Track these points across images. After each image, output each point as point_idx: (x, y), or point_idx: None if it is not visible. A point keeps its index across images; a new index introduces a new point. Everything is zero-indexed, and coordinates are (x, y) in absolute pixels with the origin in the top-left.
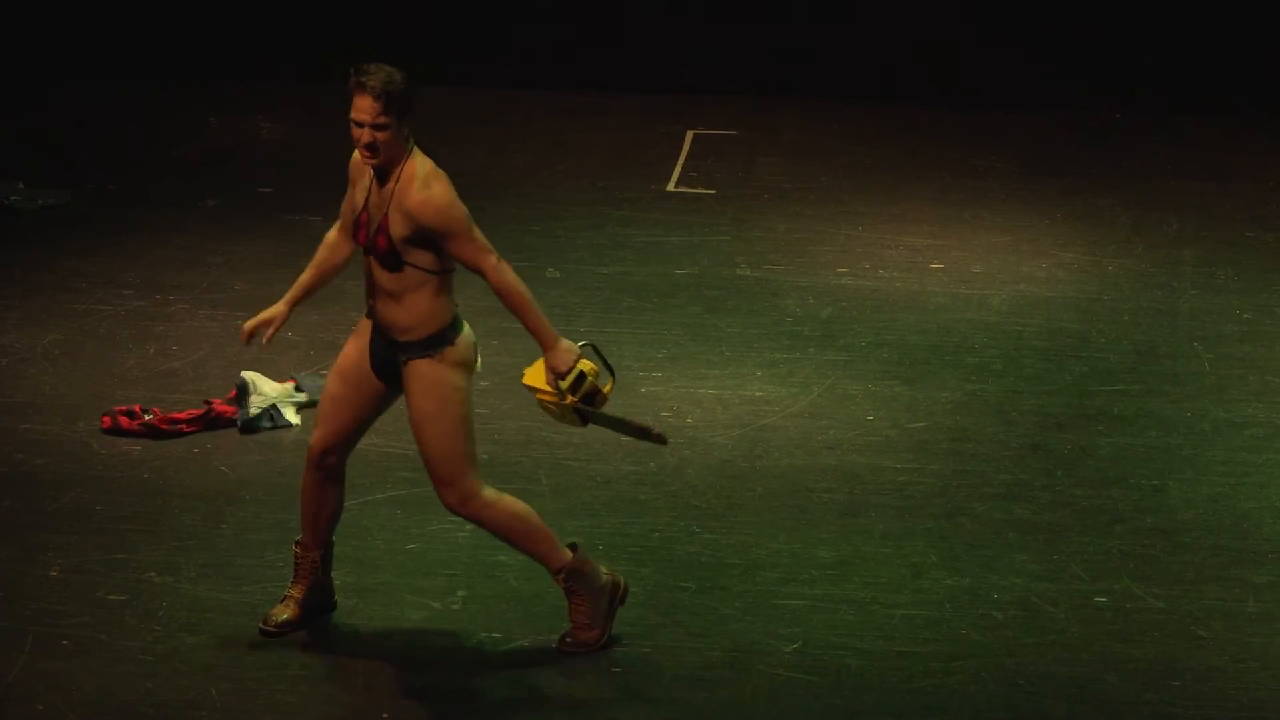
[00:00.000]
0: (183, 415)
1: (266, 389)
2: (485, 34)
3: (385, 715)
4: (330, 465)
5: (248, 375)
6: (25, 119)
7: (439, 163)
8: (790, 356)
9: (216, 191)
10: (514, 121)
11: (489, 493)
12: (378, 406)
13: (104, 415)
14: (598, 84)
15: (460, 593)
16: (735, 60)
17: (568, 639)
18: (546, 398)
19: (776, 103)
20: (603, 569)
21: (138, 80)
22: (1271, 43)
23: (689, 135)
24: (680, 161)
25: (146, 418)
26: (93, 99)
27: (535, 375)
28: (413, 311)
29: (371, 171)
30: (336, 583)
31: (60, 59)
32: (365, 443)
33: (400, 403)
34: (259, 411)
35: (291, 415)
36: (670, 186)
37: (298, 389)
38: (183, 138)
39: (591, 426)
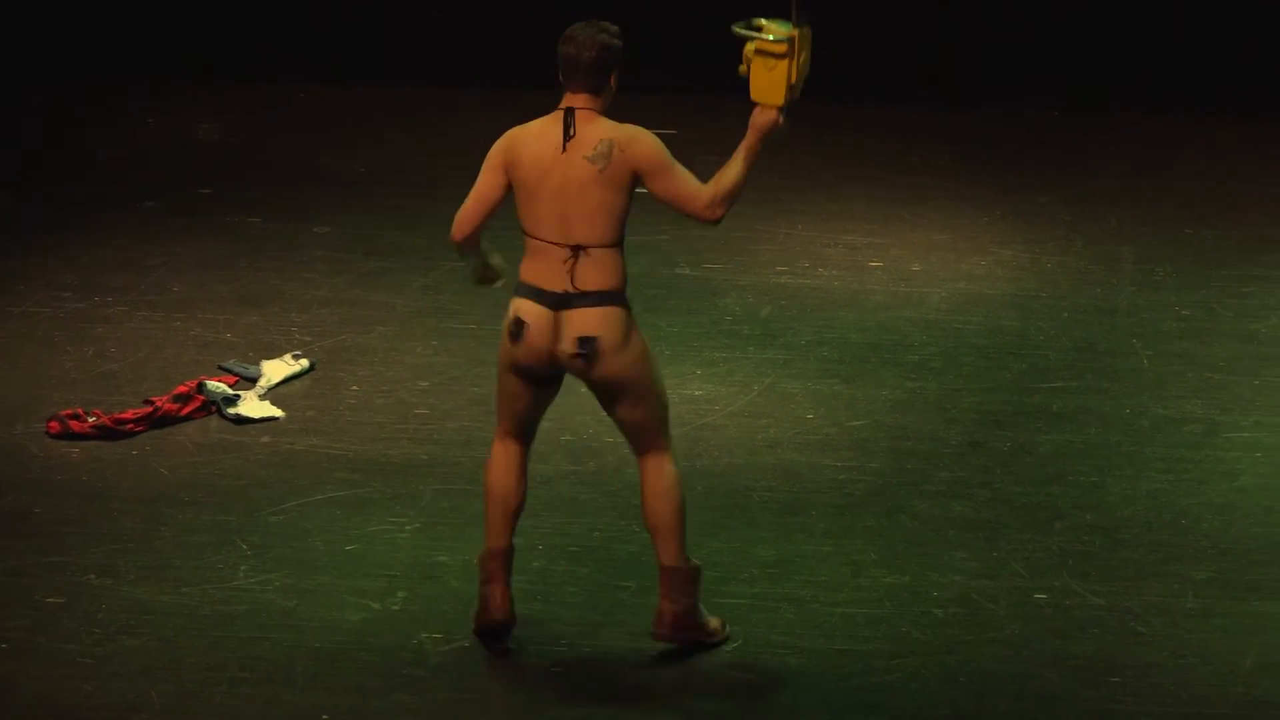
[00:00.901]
0: (129, 415)
1: (270, 372)
2: (425, 32)
3: (325, 717)
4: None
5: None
6: None
7: (370, 170)
8: (730, 355)
9: (154, 193)
10: (454, 120)
11: (495, 446)
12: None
13: (50, 421)
14: (538, 83)
15: (400, 593)
16: (676, 59)
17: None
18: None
19: (717, 101)
20: None
21: (75, 81)
22: (1208, 39)
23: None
24: None
25: (90, 420)
26: (29, 100)
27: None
28: None
29: None
30: (275, 584)
31: None
32: (304, 444)
33: (331, 401)
34: (228, 397)
35: (252, 409)
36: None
37: (295, 357)
38: (121, 139)
39: None
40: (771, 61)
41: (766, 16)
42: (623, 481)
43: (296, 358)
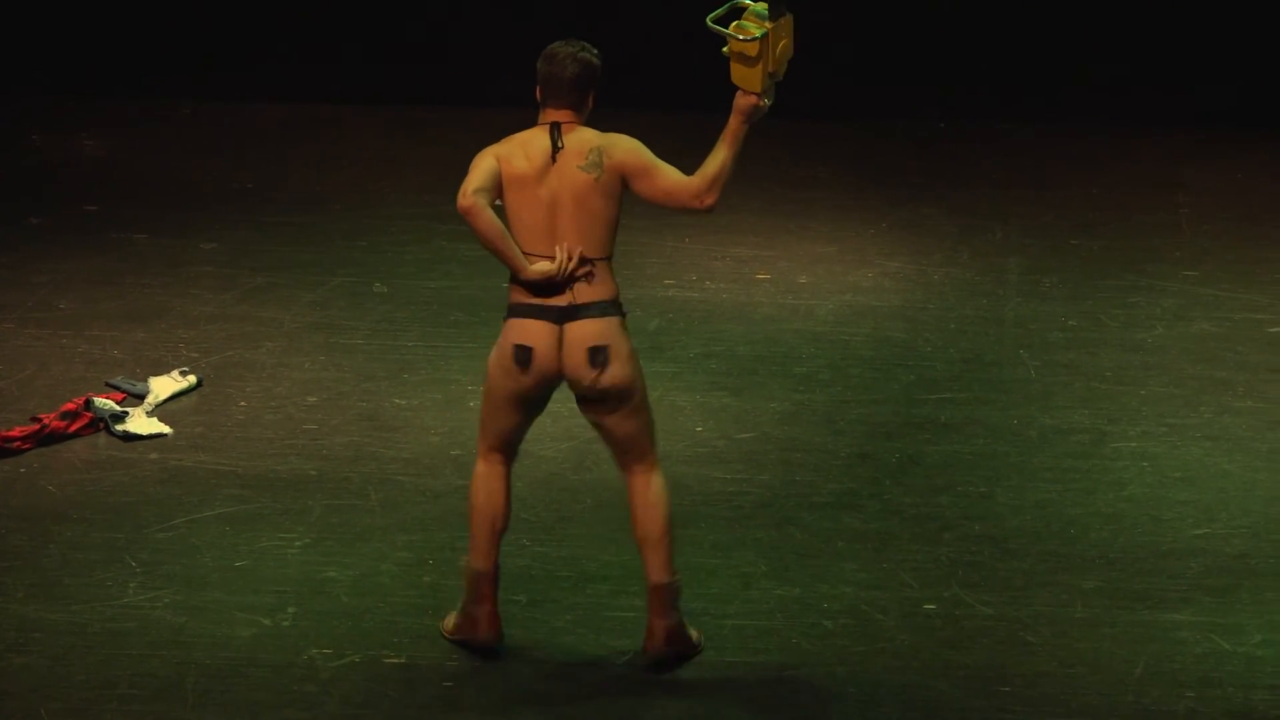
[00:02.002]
0: (16, 433)
1: (157, 388)
2: (312, 50)
3: None
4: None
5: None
6: None
7: (256, 185)
8: None
9: (40, 210)
10: (340, 138)
11: (479, 465)
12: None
13: None
14: (425, 100)
15: (290, 609)
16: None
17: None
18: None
19: (604, 116)
20: None
21: None
22: (1089, 52)
23: None
24: None
25: None
26: None
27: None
28: None
29: None
30: (165, 601)
31: None
32: (192, 460)
33: (219, 417)
34: (116, 414)
35: (141, 425)
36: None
37: (183, 373)
38: (4, 156)
39: None
40: (750, 49)
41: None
42: (514, 496)
43: (184, 374)
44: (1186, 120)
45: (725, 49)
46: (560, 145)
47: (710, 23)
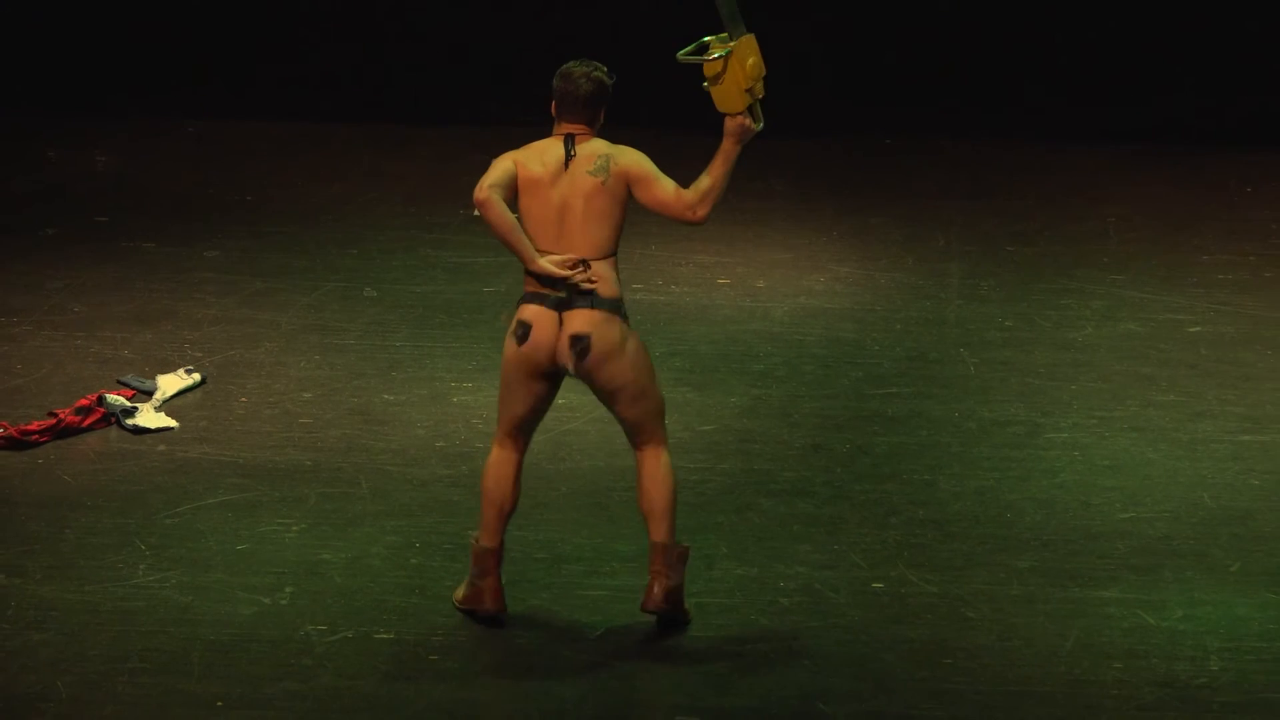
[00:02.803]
0: (34, 426)
1: (164, 385)
2: (305, 73)
3: (219, 703)
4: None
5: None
6: None
7: (254, 198)
8: None
9: (55, 221)
10: (331, 152)
11: (493, 451)
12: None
13: None
14: (409, 118)
15: (288, 589)
16: (534, 95)
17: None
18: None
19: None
20: None
21: None
22: (1024, 74)
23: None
24: None
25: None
26: None
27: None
28: None
29: None
30: (172, 581)
31: None
32: (197, 451)
33: (221, 412)
34: (126, 409)
35: (149, 419)
36: (477, 211)
37: (188, 371)
38: (22, 171)
39: None
40: (721, 77)
41: (710, 35)
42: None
43: (189, 372)
44: (1113, 137)
45: (705, 84)
46: (573, 154)
47: (681, 58)
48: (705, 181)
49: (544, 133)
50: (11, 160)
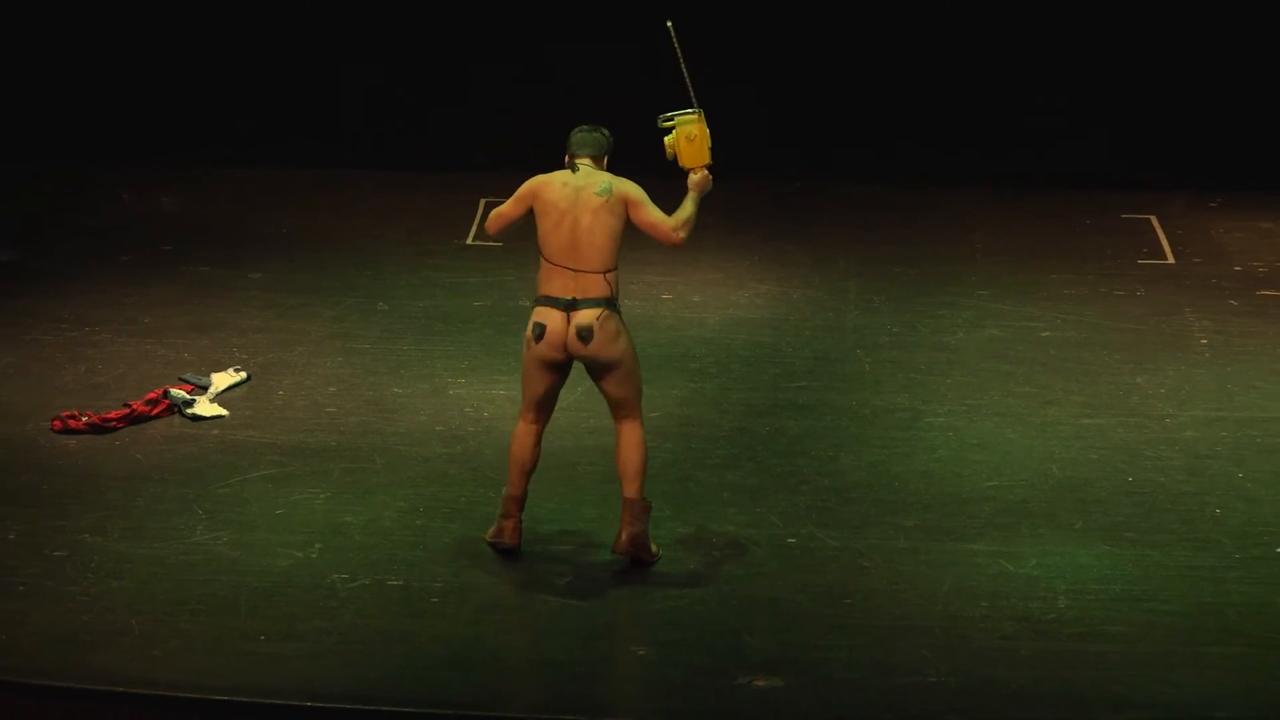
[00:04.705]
0: (113, 415)
1: (217, 381)
2: (328, 130)
3: (262, 637)
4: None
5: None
6: None
7: (290, 229)
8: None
9: (128, 249)
10: (347, 194)
11: (519, 424)
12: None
13: (54, 420)
14: (412, 166)
15: (317, 545)
16: (515, 146)
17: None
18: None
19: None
20: None
21: (65, 164)
22: (904, 127)
23: (482, 203)
24: (475, 222)
25: (84, 419)
26: (30, 179)
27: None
28: None
29: None
30: (224, 539)
31: (3, 147)
32: (243, 435)
33: (263, 403)
34: (186, 400)
35: (205, 409)
36: (469, 241)
37: (236, 370)
38: (103, 208)
39: None
40: (693, 133)
41: (668, 111)
42: (482, 460)
43: (237, 370)
44: (979, 180)
45: (668, 153)
46: (584, 181)
47: (661, 123)
48: (684, 213)
49: (525, 177)
50: (93, 201)
